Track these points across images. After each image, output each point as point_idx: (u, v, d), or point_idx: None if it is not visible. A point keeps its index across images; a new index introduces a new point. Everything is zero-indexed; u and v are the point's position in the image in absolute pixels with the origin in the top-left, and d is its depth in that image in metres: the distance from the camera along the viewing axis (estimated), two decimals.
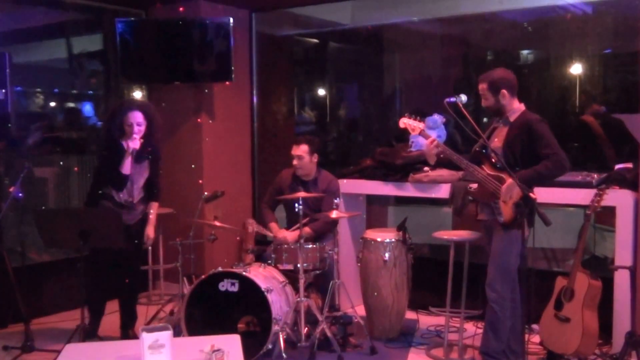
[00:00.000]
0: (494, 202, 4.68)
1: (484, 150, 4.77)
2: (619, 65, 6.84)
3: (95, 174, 5.66)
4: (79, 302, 5.15)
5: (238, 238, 7.38)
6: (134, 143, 5.32)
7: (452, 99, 4.59)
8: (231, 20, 6.88)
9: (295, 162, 5.96)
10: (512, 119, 4.75)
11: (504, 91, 4.70)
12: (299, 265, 5.31)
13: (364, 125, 9.10)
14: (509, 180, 4.54)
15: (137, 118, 5.38)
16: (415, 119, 4.87)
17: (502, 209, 4.64)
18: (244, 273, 5.14)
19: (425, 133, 4.85)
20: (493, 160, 4.69)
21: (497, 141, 4.77)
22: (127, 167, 5.34)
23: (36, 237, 5.11)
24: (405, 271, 5.76)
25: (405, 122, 4.90)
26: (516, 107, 4.77)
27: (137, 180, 5.48)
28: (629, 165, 5.37)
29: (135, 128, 5.37)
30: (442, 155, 4.78)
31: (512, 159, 4.64)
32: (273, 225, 6.05)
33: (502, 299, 4.73)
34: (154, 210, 5.64)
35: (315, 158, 6.00)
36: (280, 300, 5.24)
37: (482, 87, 4.78)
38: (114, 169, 5.35)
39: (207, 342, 3.28)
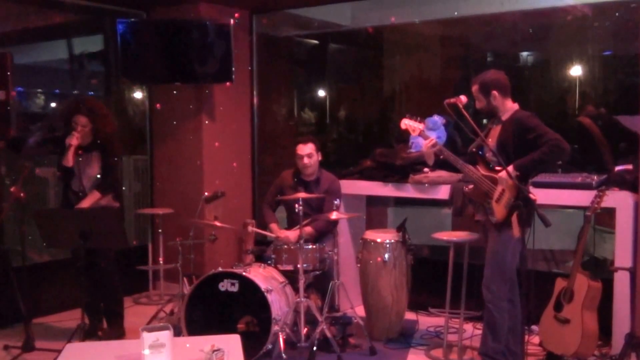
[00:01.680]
0: (487, 202, 4.69)
1: (479, 152, 4.78)
2: (619, 67, 6.84)
3: None
4: (79, 302, 5.17)
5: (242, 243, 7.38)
6: (71, 140, 5.45)
7: (452, 100, 4.61)
8: (232, 21, 6.89)
9: (305, 160, 5.94)
10: (504, 118, 4.77)
11: (495, 92, 4.72)
12: (298, 265, 5.31)
13: (364, 126, 9.09)
14: (509, 167, 4.54)
15: (81, 121, 5.55)
16: (415, 120, 4.88)
17: (495, 208, 4.64)
18: (244, 273, 5.14)
19: (424, 134, 4.86)
20: (488, 160, 4.71)
21: (490, 141, 4.78)
22: (67, 160, 5.47)
23: (37, 237, 5.12)
24: (405, 272, 5.77)
25: (406, 123, 4.91)
26: (509, 107, 4.79)
27: (84, 170, 5.61)
28: (629, 166, 5.37)
29: (79, 128, 5.53)
30: (441, 157, 4.78)
31: (505, 157, 4.63)
32: (274, 226, 6.05)
33: (498, 299, 4.73)
34: (90, 195, 5.60)
35: (320, 156, 6.02)
36: (280, 300, 5.25)
37: (474, 89, 4.82)
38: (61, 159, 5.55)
39: (207, 342, 3.29)
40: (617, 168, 5.43)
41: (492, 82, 4.75)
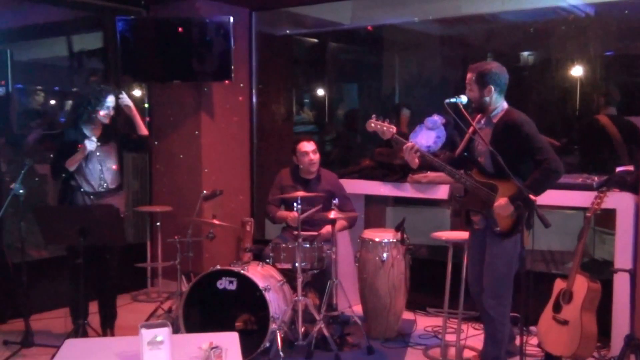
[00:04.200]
0: (486, 211, 4.52)
1: (465, 154, 4.63)
2: (620, 68, 6.84)
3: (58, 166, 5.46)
4: (77, 299, 5.17)
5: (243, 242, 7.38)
6: (92, 145, 5.25)
7: (452, 100, 4.42)
8: (231, 19, 6.88)
9: (311, 156, 5.97)
10: (495, 119, 4.52)
11: (491, 87, 4.46)
12: (296, 264, 5.31)
13: (363, 125, 9.09)
14: (503, 201, 4.38)
15: (113, 102, 5.42)
16: (384, 122, 4.68)
17: (498, 218, 4.49)
18: (242, 271, 5.14)
19: (398, 138, 4.64)
20: (481, 164, 4.54)
21: (482, 144, 4.56)
22: (73, 163, 5.28)
23: (36, 233, 5.10)
24: (403, 271, 5.76)
25: (373, 125, 4.71)
26: (500, 107, 4.54)
27: (105, 162, 5.45)
28: (630, 167, 5.36)
29: (111, 113, 5.41)
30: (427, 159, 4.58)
31: (497, 162, 4.28)
32: (282, 212, 6.05)
33: (503, 306, 4.64)
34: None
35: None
36: (278, 299, 5.25)
37: (470, 76, 4.52)
38: (64, 157, 5.31)
39: (206, 339, 3.28)
40: (618, 169, 5.41)
41: (491, 75, 4.47)
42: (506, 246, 4.54)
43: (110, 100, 5.40)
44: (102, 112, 5.36)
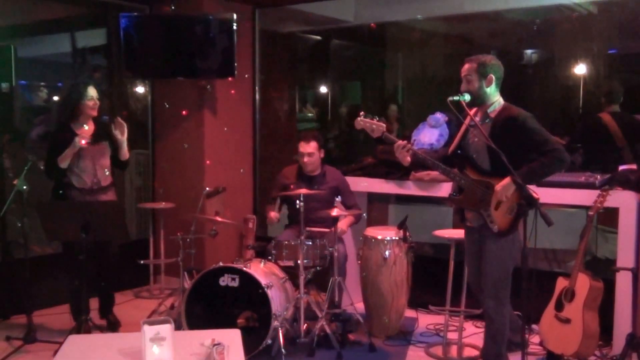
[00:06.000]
0: (483, 209, 4.43)
1: (458, 152, 4.54)
2: (623, 65, 6.83)
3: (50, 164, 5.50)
4: (79, 295, 5.17)
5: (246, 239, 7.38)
6: (84, 141, 5.31)
7: (455, 98, 4.33)
8: (234, 16, 6.88)
9: (306, 159, 5.93)
10: (492, 115, 4.42)
11: (492, 77, 4.37)
12: (299, 261, 5.31)
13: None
14: (506, 180, 4.27)
15: (95, 94, 5.46)
16: (372, 119, 4.54)
17: (495, 216, 4.41)
18: (244, 268, 5.14)
19: (388, 136, 4.52)
20: (477, 162, 4.45)
21: (477, 140, 4.48)
22: (66, 160, 5.35)
23: (39, 229, 5.11)
24: (405, 269, 5.76)
25: (362, 123, 4.54)
26: (497, 101, 4.45)
27: (98, 160, 5.52)
28: (633, 166, 5.35)
29: (97, 103, 5.45)
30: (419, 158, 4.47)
31: (500, 159, 4.15)
32: (273, 214, 6.03)
33: (503, 306, 4.58)
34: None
35: (322, 153, 6.01)
36: (280, 296, 5.25)
37: (470, 67, 4.41)
38: (56, 155, 5.36)
39: (208, 336, 3.29)
40: (621, 167, 5.40)
41: (492, 66, 4.39)
42: (503, 245, 4.47)
43: (91, 90, 5.45)
44: (88, 103, 5.42)
